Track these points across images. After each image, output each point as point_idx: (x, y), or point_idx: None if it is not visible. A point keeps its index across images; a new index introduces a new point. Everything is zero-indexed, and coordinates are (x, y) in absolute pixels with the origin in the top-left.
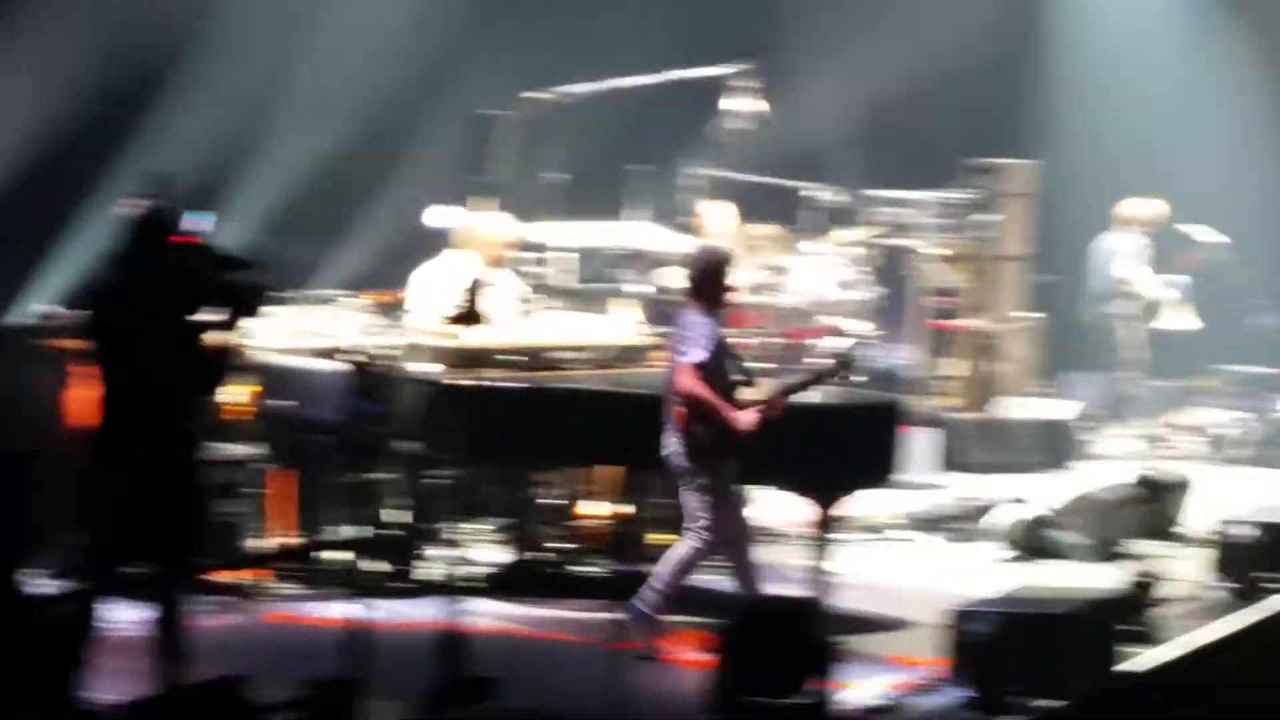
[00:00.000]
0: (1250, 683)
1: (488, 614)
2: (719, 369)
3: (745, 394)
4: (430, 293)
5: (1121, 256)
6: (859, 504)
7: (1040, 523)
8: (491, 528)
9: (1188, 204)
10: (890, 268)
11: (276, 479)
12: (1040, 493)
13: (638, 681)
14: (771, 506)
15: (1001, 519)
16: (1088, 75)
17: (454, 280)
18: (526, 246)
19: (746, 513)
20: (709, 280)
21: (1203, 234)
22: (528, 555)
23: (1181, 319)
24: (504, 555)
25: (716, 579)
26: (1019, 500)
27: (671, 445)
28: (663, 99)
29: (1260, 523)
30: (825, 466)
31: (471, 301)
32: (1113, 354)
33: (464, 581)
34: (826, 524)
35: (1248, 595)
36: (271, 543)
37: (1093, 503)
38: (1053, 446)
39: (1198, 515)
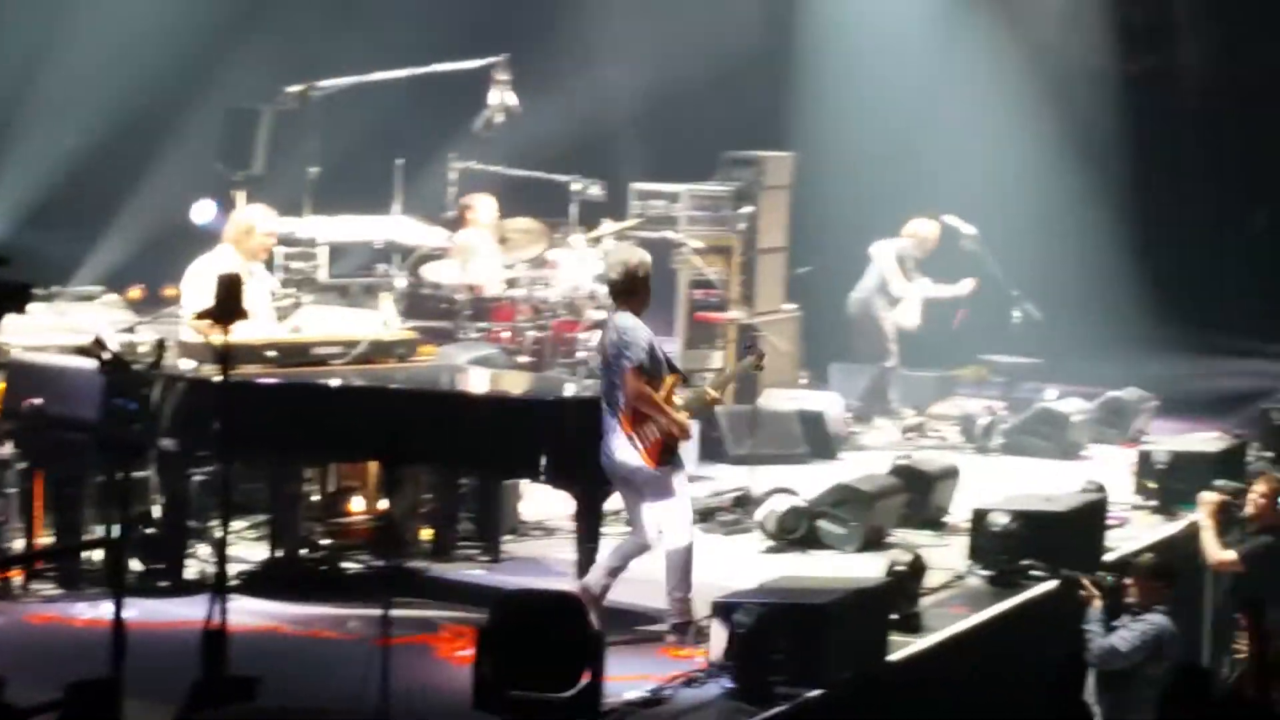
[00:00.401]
0: (1005, 668)
1: (251, 612)
2: (657, 367)
3: (682, 388)
4: (204, 287)
5: (894, 259)
6: None
7: (803, 513)
8: (253, 525)
9: (943, 196)
10: (655, 260)
11: (34, 478)
12: (805, 483)
13: (404, 678)
14: (538, 501)
15: (766, 510)
16: (845, 69)
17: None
18: (290, 241)
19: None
20: (634, 283)
21: (955, 223)
22: (292, 552)
23: (908, 315)
24: (268, 552)
25: (484, 573)
26: (783, 491)
27: (628, 457)
28: (433, 91)
29: (1012, 511)
30: (588, 461)
31: (227, 297)
32: (876, 345)
33: (226, 579)
34: (591, 518)
35: (1002, 583)
36: (31, 543)
37: (853, 492)
38: (818, 437)
39: (957, 504)
